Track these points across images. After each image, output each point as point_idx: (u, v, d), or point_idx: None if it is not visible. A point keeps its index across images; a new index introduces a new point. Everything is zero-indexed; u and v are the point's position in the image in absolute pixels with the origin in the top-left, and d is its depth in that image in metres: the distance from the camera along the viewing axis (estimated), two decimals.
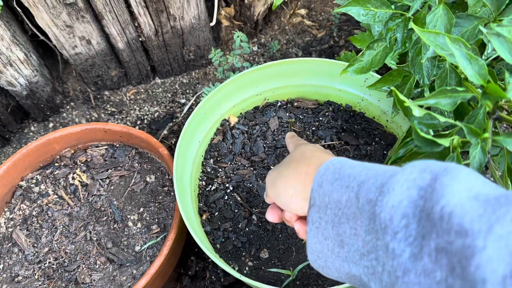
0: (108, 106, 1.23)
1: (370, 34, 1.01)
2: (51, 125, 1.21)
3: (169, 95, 1.25)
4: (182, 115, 1.19)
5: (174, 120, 1.19)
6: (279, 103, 0.94)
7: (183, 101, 1.23)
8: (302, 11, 1.28)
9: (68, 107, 1.23)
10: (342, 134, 0.88)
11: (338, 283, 0.62)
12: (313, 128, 0.89)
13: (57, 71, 1.21)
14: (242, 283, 0.93)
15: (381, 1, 0.60)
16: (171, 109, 1.22)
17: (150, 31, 1.06)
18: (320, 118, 0.91)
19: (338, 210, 0.35)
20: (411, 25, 0.51)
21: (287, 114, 0.92)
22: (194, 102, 1.21)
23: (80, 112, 1.22)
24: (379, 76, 0.77)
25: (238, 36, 1.06)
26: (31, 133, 1.21)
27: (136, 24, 1.05)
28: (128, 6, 0.99)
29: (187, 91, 1.25)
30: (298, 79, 0.92)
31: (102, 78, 1.18)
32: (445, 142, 0.41)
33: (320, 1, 1.33)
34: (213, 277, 0.95)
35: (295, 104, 0.93)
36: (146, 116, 1.20)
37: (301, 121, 0.91)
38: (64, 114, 1.22)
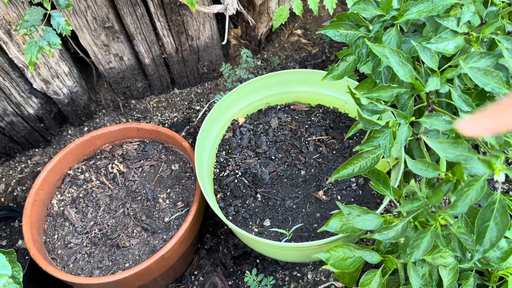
0: (134, 112, 1.44)
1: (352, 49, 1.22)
2: (86, 129, 1.42)
3: (186, 103, 1.46)
4: (197, 119, 1.40)
5: (190, 124, 1.40)
6: (278, 106, 1.14)
7: (197, 108, 1.44)
8: (299, 31, 1.50)
9: (100, 113, 1.44)
10: (330, 130, 1.08)
11: (326, 235, 0.81)
12: (306, 126, 1.09)
13: (92, 83, 1.43)
14: (249, 254, 1.12)
15: (351, 25, 0.81)
16: (188, 115, 1.43)
17: (171, 49, 1.28)
18: (312, 118, 1.11)
19: None
20: (367, 42, 0.71)
21: (285, 115, 1.12)
22: (207, 109, 1.42)
23: (111, 118, 1.43)
24: (358, 83, 0.97)
25: (244, 53, 1.28)
26: (68, 136, 1.42)
27: (160, 44, 1.27)
28: (155, 28, 1.21)
29: (201, 99, 1.46)
30: (293, 87, 1.12)
31: (130, 89, 1.39)
32: (381, 122, 0.60)
33: (314, 23, 1.55)
34: (225, 250, 1.14)
35: (292, 107, 1.14)
36: (166, 121, 1.41)
37: (296, 120, 1.11)
38: (97, 120, 1.43)
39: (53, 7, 0.82)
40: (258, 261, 1.10)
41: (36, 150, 1.40)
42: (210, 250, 1.15)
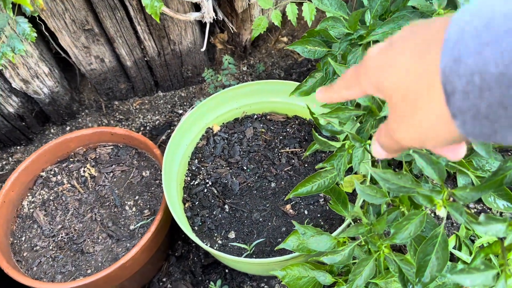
0: (117, 114, 1.44)
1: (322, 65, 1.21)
2: (68, 128, 1.42)
3: (169, 106, 1.45)
4: (180, 123, 1.39)
5: (172, 127, 1.39)
6: (255, 116, 1.13)
7: (180, 111, 1.44)
8: (285, 39, 1.49)
9: (83, 113, 1.44)
10: (304, 143, 1.07)
11: (288, 252, 0.80)
12: (281, 137, 1.08)
13: (75, 83, 1.43)
14: (219, 263, 1.11)
15: (319, 42, 0.80)
16: (170, 118, 1.42)
17: (153, 52, 1.28)
18: (288, 130, 1.10)
19: (508, 88, 0.21)
20: (329, 60, 0.70)
21: (261, 125, 1.11)
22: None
23: (93, 118, 1.43)
24: None
25: (226, 59, 1.27)
26: (50, 135, 1.42)
27: (142, 47, 1.26)
28: (135, 32, 1.20)
29: (185, 103, 1.46)
30: (271, 97, 1.11)
31: (112, 90, 1.39)
32: (336, 144, 0.59)
33: (302, 31, 1.53)
34: (195, 258, 1.14)
35: (268, 117, 1.13)
36: (148, 124, 1.41)
37: (272, 131, 1.10)
38: (80, 120, 1.43)
39: (20, 13, 0.82)
40: (227, 270, 1.10)
41: (18, 147, 1.40)
42: (181, 257, 1.14)
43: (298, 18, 1.54)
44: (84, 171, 1.08)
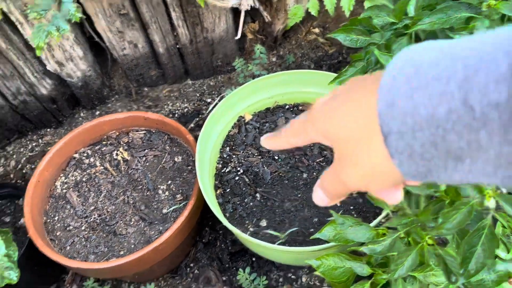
0: (146, 100, 1.45)
1: (364, 54, 1.20)
2: (97, 113, 1.44)
3: (198, 95, 1.46)
4: (207, 112, 1.40)
5: (200, 115, 1.40)
6: (287, 106, 1.13)
7: (209, 100, 1.44)
8: (317, 30, 1.48)
9: (113, 99, 1.45)
10: None
11: (321, 242, 0.80)
12: None
13: (106, 68, 1.44)
14: (246, 251, 1.12)
15: (362, 31, 0.79)
16: (199, 106, 1.43)
17: (186, 40, 1.28)
18: None
19: (437, 128, 0.23)
20: (374, 50, 0.69)
21: (293, 115, 1.11)
22: (218, 102, 1.42)
23: (123, 104, 1.44)
24: None
25: (258, 49, 1.27)
26: (80, 118, 1.44)
27: (175, 34, 1.26)
28: (170, 18, 1.20)
29: (213, 92, 1.46)
30: (303, 87, 1.11)
31: (143, 76, 1.40)
32: None
33: (334, 23, 1.52)
34: (222, 245, 1.14)
35: (300, 107, 1.12)
36: (177, 111, 1.41)
37: None
38: (109, 105, 1.45)
39: None
40: (254, 259, 1.10)
41: (48, 130, 1.42)
42: (208, 244, 1.15)
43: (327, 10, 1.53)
44: (117, 155, 1.09)
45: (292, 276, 1.07)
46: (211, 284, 1.08)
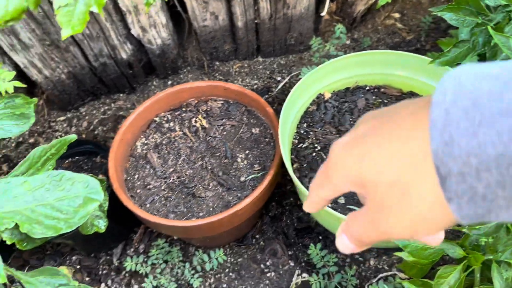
0: (217, 74, 1.47)
1: (456, 40, 1.16)
2: (169, 82, 1.47)
3: (268, 72, 1.46)
4: (276, 89, 1.40)
5: (269, 93, 1.40)
6: (367, 87, 1.11)
7: (278, 78, 1.44)
8: (396, 15, 1.44)
9: (185, 70, 1.48)
10: None
11: None
12: None
13: (182, 39, 1.47)
14: (313, 229, 1.12)
15: (470, 11, 0.76)
16: (268, 84, 1.43)
17: (266, 15, 1.28)
18: None
19: (508, 167, 0.21)
20: (490, 30, 0.67)
21: (373, 97, 1.09)
22: (288, 81, 1.42)
23: (194, 76, 1.47)
24: None
25: (338, 28, 1.25)
26: (152, 87, 1.48)
27: (256, 8, 1.27)
28: None
29: (283, 71, 1.46)
30: (387, 69, 1.09)
31: (217, 50, 1.41)
32: None
33: (413, 8, 1.48)
34: (288, 221, 1.15)
35: (382, 90, 1.10)
36: (247, 87, 1.42)
37: (384, 104, 1.08)
38: (181, 75, 1.47)
39: None
40: (320, 237, 1.10)
41: (121, 95, 1.47)
42: (274, 218, 1.16)
43: None
44: (195, 121, 1.11)
45: (360, 258, 1.06)
46: (276, 256, 1.09)
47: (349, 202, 0.93)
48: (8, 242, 0.72)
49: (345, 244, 0.33)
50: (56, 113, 1.45)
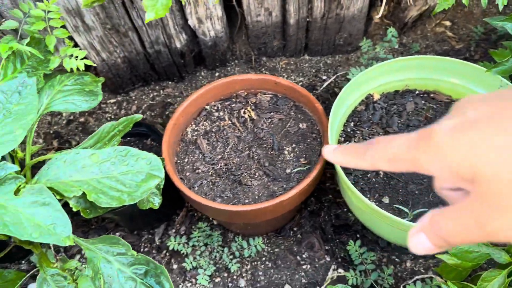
0: (263, 69, 1.50)
1: (509, 51, 1.15)
2: (217, 74, 1.51)
3: (313, 71, 1.48)
4: (321, 88, 1.42)
5: (313, 91, 1.43)
6: (417, 91, 1.12)
7: (324, 77, 1.46)
8: (447, 23, 1.44)
9: (232, 63, 1.52)
10: None
11: None
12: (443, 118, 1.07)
13: (232, 33, 1.51)
14: (350, 227, 1.14)
15: None
16: (313, 82, 1.46)
17: (318, 14, 1.30)
18: None
19: None
20: None
21: (423, 101, 1.10)
22: (333, 80, 1.44)
23: (241, 69, 1.50)
24: None
25: (390, 32, 1.26)
26: (200, 77, 1.52)
27: (310, 6, 1.29)
28: None
29: (329, 70, 1.48)
30: (437, 75, 1.09)
31: (266, 45, 1.45)
32: None
33: (464, 18, 1.47)
34: (326, 217, 1.18)
35: (431, 95, 1.11)
36: None
37: (434, 109, 1.09)
38: (228, 68, 1.51)
39: None
40: (358, 235, 1.12)
41: (169, 83, 1.52)
42: (312, 212, 1.19)
43: (459, 5, 1.49)
44: (244, 112, 1.14)
45: (396, 259, 1.08)
46: (313, 250, 1.12)
47: (393, 202, 0.95)
48: (74, 209, 0.77)
49: (422, 244, 0.31)
50: (107, 96, 1.51)
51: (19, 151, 0.84)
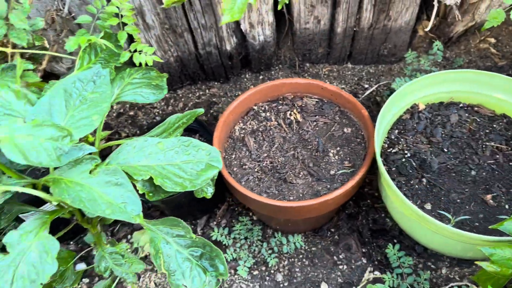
0: (306, 75, 1.55)
1: None
2: (261, 77, 1.57)
3: (356, 79, 1.52)
4: (363, 96, 1.46)
5: (356, 99, 1.46)
6: (461, 104, 1.15)
7: (366, 86, 1.50)
8: (492, 40, 1.46)
9: (277, 67, 1.58)
10: (511, 142, 1.06)
11: (493, 235, 0.83)
12: (487, 131, 1.09)
13: (278, 39, 1.56)
14: (387, 232, 1.17)
15: None
16: (355, 90, 1.49)
17: (366, 24, 1.34)
18: (494, 125, 1.10)
19: None
20: None
21: (466, 114, 1.13)
22: (375, 89, 1.47)
23: (284, 74, 1.56)
24: None
25: (436, 45, 1.29)
26: (245, 79, 1.58)
27: (358, 17, 1.34)
28: (360, 1, 1.28)
29: (371, 79, 1.52)
30: (483, 89, 1.12)
31: (310, 52, 1.50)
32: None
33: (509, 36, 1.49)
34: (364, 220, 1.21)
35: (475, 109, 1.14)
36: None
37: (477, 123, 1.11)
38: (273, 72, 1.57)
39: None
40: (395, 240, 1.15)
41: (215, 83, 1.59)
42: (350, 215, 1.22)
43: (505, 23, 1.50)
44: (290, 114, 1.19)
45: (432, 266, 1.10)
46: (350, 251, 1.15)
47: (435, 209, 0.98)
48: (140, 192, 0.83)
49: None
50: None
51: (90, 136, 0.91)
